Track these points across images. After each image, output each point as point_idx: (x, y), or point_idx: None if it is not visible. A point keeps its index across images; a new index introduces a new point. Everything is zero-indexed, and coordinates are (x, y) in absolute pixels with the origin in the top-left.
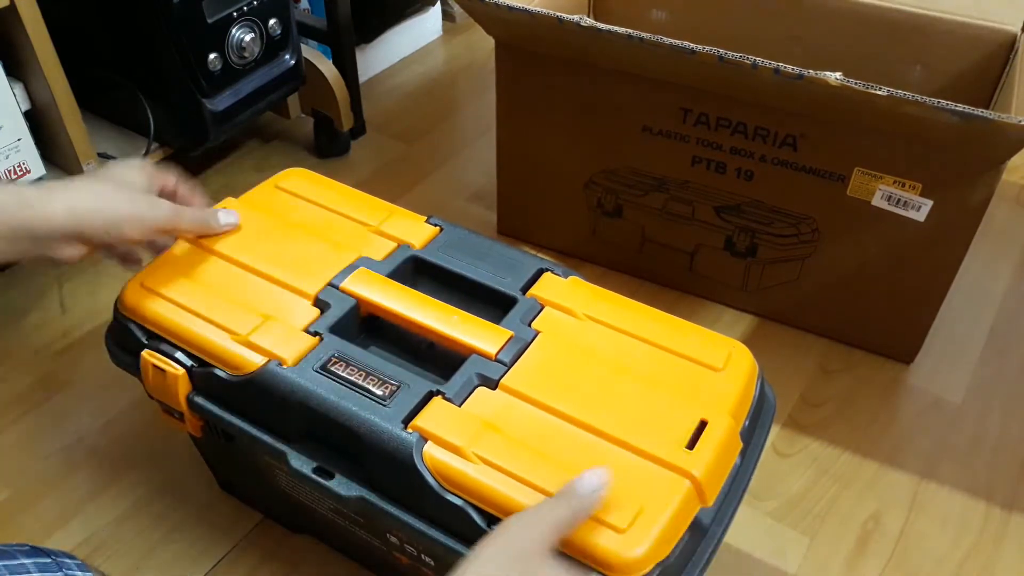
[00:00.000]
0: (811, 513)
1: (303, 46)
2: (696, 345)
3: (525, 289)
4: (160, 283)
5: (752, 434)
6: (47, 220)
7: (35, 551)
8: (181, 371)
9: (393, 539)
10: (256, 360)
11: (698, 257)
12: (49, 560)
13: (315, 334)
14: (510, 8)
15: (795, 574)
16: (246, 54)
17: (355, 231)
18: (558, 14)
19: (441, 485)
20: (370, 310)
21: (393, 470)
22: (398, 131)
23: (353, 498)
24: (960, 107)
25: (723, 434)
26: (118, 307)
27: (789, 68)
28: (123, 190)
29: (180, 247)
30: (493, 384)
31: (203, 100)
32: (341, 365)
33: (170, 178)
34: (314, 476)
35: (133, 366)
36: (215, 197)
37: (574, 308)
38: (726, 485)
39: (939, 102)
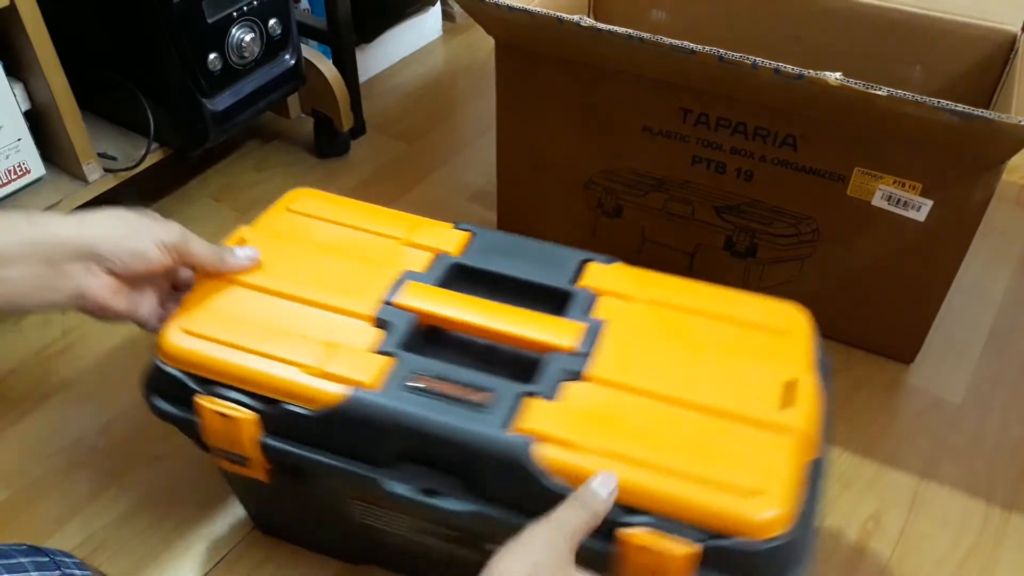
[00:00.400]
0: None
1: (303, 46)
2: (755, 311)
3: (574, 281)
4: (200, 325)
5: (826, 388)
6: (56, 234)
7: (33, 550)
8: (252, 415)
9: (491, 547)
10: (336, 390)
11: (698, 257)
12: (47, 559)
13: (387, 353)
14: (510, 8)
15: None
16: (246, 54)
17: (386, 246)
18: (558, 14)
19: (559, 483)
20: (430, 322)
21: (506, 476)
22: (398, 131)
23: (468, 512)
24: (960, 107)
25: (813, 388)
26: (159, 357)
27: (789, 68)
28: (132, 213)
29: (205, 285)
30: (579, 377)
31: (203, 100)
32: (426, 380)
33: None
34: (423, 498)
35: (182, 418)
36: (215, 197)
37: (629, 293)
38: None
39: (939, 102)
